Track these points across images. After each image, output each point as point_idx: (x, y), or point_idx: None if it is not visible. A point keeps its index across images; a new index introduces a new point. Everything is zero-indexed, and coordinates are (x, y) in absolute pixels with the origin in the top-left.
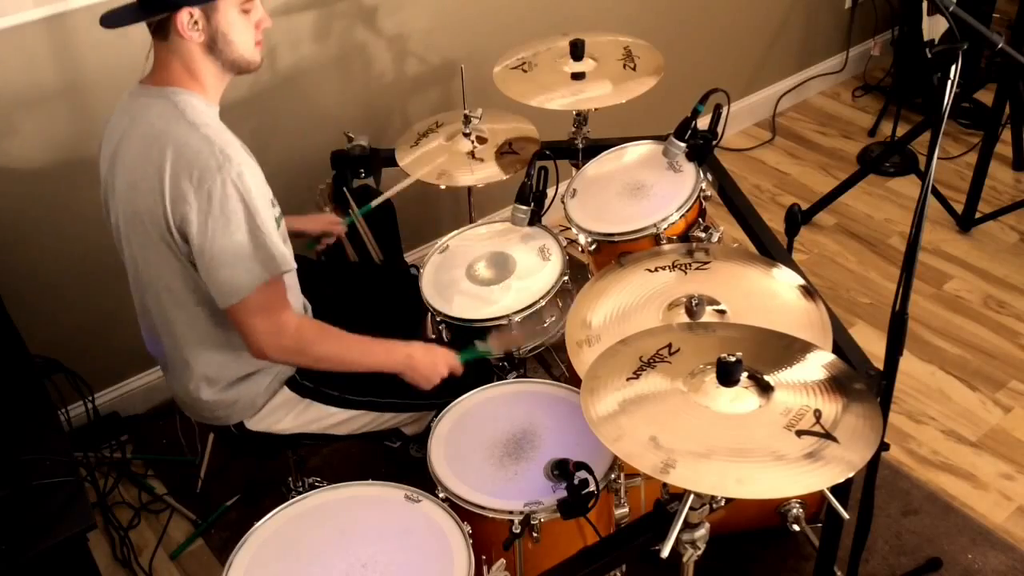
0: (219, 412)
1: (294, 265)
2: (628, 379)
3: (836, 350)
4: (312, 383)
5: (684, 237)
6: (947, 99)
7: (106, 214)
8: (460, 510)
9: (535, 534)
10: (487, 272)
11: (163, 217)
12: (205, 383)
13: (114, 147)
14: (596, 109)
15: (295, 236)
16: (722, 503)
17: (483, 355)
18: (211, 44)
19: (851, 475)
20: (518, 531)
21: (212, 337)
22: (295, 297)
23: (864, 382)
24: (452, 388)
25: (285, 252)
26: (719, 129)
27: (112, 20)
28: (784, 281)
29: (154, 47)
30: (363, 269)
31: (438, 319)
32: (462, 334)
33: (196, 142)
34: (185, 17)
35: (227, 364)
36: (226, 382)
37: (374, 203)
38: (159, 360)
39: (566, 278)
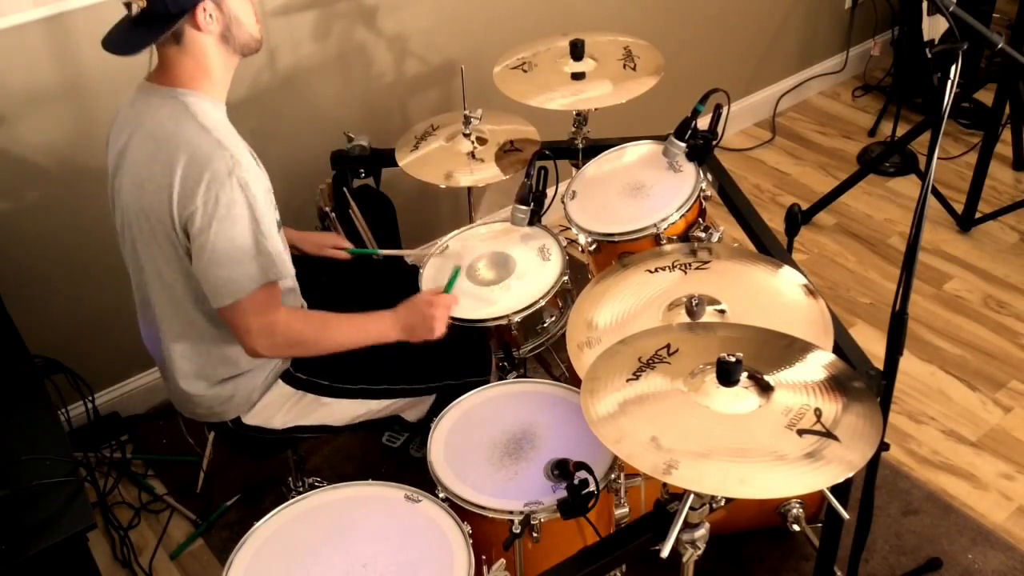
0: (216, 408)
1: (292, 272)
2: (628, 380)
3: (836, 350)
4: (305, 375)
5: (684, 237)
6: (947, 99)
7: (111, 208)
8: (460, 510)
9: (535, 534)
10: (487, 272)
11: (169, 216)
12: (202, 380)
13: (122, 145)
14: (596, 109)
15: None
16: (722, 503)
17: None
18: (226, 32)
19: (851, 475)
20: (518, 531)
21: (209, 335)
22: (295, 300)
23: (864, 382)
24: (447, 371)
25: (286, 259)
26: (719, 129)
27: (125, 47)
28: (784, 281)
29: (159, 50)
30: (359, 262)
31: None
32: (462, 334)
33: (208, 145)
34: (201, 13)
35: (223, 361)
36: (221, 377)
37: (381, 253)
38: (156, 358)
39: (566, 278)
